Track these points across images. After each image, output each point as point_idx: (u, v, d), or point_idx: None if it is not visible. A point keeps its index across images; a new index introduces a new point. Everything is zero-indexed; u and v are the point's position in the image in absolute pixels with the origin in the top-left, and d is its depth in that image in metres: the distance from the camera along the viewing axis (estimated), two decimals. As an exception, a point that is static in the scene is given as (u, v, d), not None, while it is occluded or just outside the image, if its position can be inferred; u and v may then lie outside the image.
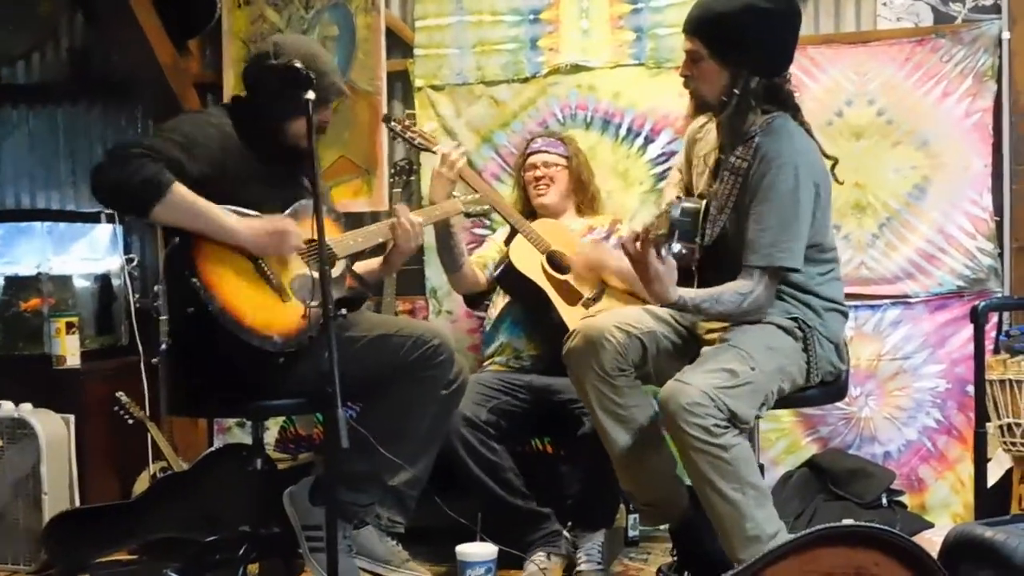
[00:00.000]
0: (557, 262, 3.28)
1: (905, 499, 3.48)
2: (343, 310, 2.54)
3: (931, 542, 2.31)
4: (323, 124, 2.75)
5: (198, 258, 2.46)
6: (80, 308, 3.97)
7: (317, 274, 2.27)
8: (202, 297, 2.41)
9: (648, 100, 3.76)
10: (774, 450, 3.65)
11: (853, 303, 3.46)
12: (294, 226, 2.55)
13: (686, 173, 2.82)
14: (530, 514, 3.10)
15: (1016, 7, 3.48)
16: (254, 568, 2.98)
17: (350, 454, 2.07)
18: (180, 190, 2.42)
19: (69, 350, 3.73)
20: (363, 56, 4.01)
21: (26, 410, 3.40)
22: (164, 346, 3.66)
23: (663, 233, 2.32)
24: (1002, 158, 3.51)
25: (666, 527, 2.80)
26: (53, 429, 3.39)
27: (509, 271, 3.24)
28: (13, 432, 3.35)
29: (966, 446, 3.50)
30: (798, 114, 2.60)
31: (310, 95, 2.33)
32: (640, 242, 2.34)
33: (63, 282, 3.97)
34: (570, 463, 3.23)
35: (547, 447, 3.28)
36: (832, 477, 3.44)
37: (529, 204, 3.51)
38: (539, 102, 3.87)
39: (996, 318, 3.48)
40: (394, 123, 3.35)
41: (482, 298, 3.53)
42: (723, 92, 2.52)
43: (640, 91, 3.77)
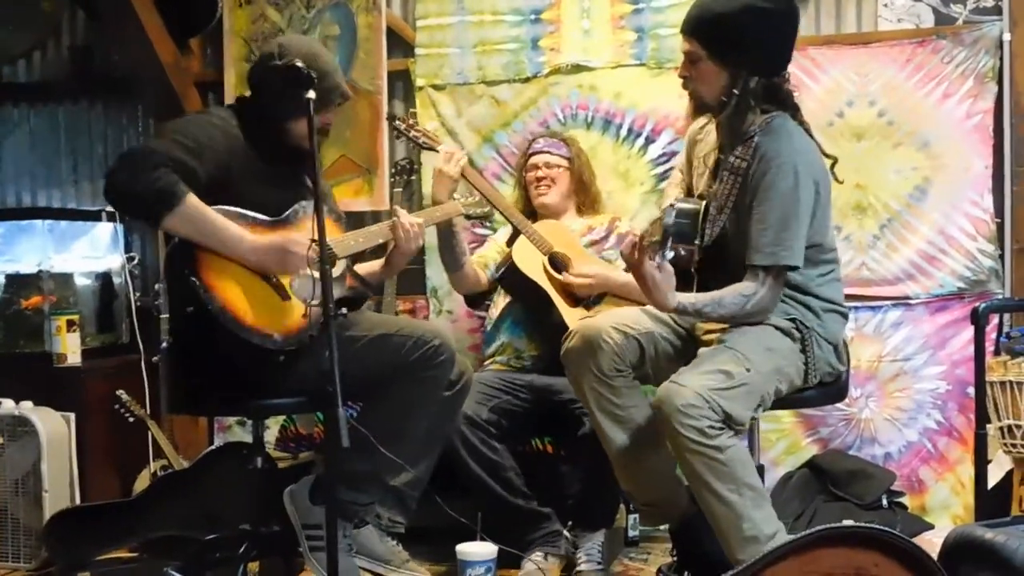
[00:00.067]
0: (559, 263, 3.28)
1: (905, 500, 3.48)
2: (344, 309, 2.54)
3: (931, 543, 2.31)
4: (325, 126, 2.75)
5: (199, 257, 2.46)
6: (81, 306, 3.98)
7: (318, 274, 2.26)
8: (202, 296, 2.42)
9: (649, 100, 3.77)
10: (774, 451, 3.65)
11: (854, 304, 3.46)
12: (300, 246, 2.49)
13: (687, 174, 2.82)
14: (530, 514, 3.10)
15: (1017, 9, 3.48)
16: (254, 567, 2.99)
17: (350, 453, 2.08)
18: (192, 201, 2.42)
19: (70, 348, 3.74)
20: (364, 55, 4.01)
21: (27, 408, 3.41)
22: (165, 344, 3.69)
23: (656, 240, 2.32)
24: (1003, 159, 3.52)
25: (666, 527, 2.80)
26: (54, 427, 3.40)
27: (512, 271, 3.24)
28: (14, 430, 3.35)
29: (966, 447, 3.51)
30: (797, 113, 2.60)
31: (311, 94, 2.33)
32: (634, 250, 2.35)
33: (64, 280, 3.97)
34: (570, 463, 3.23)
35: (547, 447, 3.28)
36: (832, 478, 3.45)
37: (530, 204, 3.51)
38: (540, 102, 3.87)
39: (997, 320, 3.49)
40: (398, 122, 3.35)
41: (483, 298, 3.53)
42: (722, 92, 2.52)
43: (641, 91, 3.78)
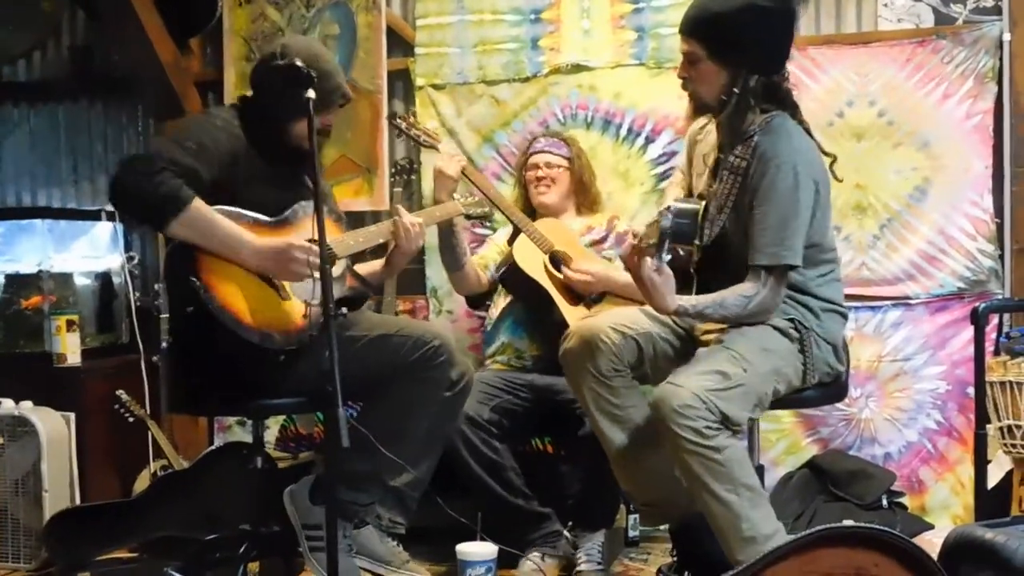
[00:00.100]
0: (559, 261, 3.28)
1: (905, 500, 3.48)
2: (343, 309, 2.54)
3: (931, 543, 2.31)
4: (326, 127, 2.75)
5: (199, 257, 2.46)
6: (81, 306, 3.97)
7: (317, 273, 2.26)
8: (202, 296, 2.42)
9: (649, 100, 3.76)
10: (774, 451, 3.65)
11: (853, 304, 3.46)
12: (302, 251, 2.49)
13: (687, 174, 2.81)
14: (531, 514, 3.10)
15: (1017, 9, 3.48)
16: (254, 567, 2.99)
17: (351, 453, 2.07)
18: (198, 205, 2.42)
19: (70, 348, 3.74)
20: (364, 55, 4.01)
21: (27, 408, 3.40)
22: (165, 344, 3.69)
23: (653, 243, 2.32)
24: (1003, 160, 3.51)
25: (666, 527, 2.80)
26: (54, 427, 3.39)
27: (513, 270, 3.24)
28: (14, 430, 3.35)
29: (966, 448, 3.51)
30: (796, 112, 2.60)
31: (311, 93, 2.33)
32: (633, 254, 2.35)
33: (64, 280, 3.97)
34: (571, 463, 3.23)
35: (548, 447, 3.28)
36: (832, 478, 3.45)
37: (529, 203, 3.51)
38: (540, 102, 3.87)
39: (996, 320, 3.49)
40: (398, 120, 3.36)
41: (484, 299, 3.53)
42: (722, 92, 2.51)
43: (641, 91, 3.77)
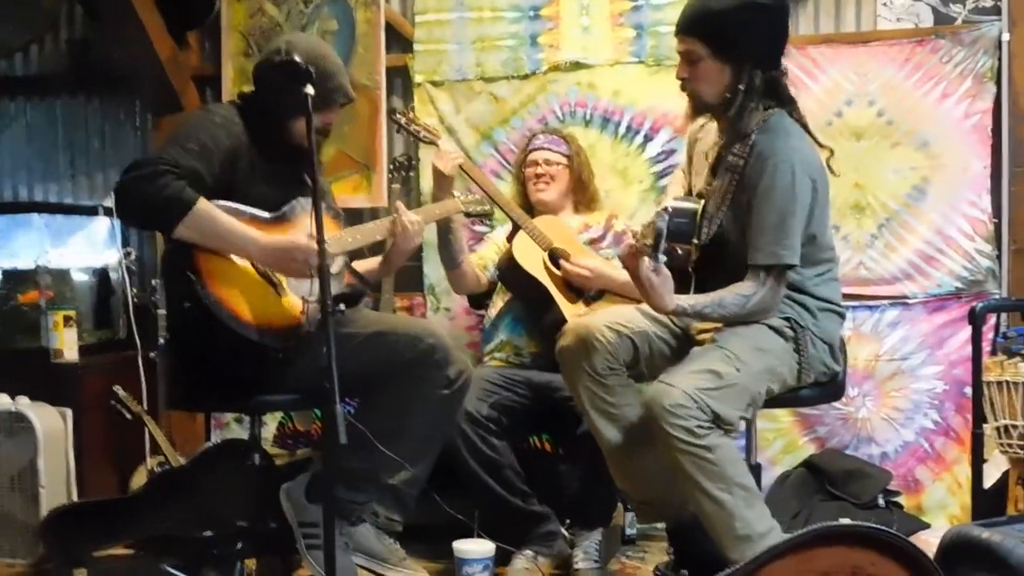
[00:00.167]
0: (558, 259, 3.28)
1: (902, 500, 3.50)
2: (341, 306, 2.53)
3: (927, 543, 2.32)
4: (326, 126, 2.74)
5: (196, 253, 2.45)
6: (78, 302, 3.96)
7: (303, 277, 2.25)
8: (199, 292, 2.41)
9: (648, 98, 3.77)
10: (771, 450, 3.66)
11: (851, 303, 3.47)
12: (308, 251, 2.47)
13: (687, 173, 2.81)
14: (529, 513, 3.10)
15: (1016, 9, 3.49)
16: (251, 564, 2.98)
17: (348, 451, 2.07)
18: (203, 207, 2.41)
19: (67, 344, 3.72)
20: (362, 51, 4.00)
21: (23, 403, 3.39)
22: (162, 341, 3.69)
23: (650, 243, 2.31)
24: (1001, 160, 3.52)
25: (663, 526, 2.80)
26: (50, 423, 3.39)
27: (512, 267, 3.23)
28: (10, 426, 3.34)
29: (963, 447, 3.51)
30: (794, 107, 2.59)
31: (309, 90, 2.32)
32: (631, 254, 2.35)
33: (61, 275, 3.96)
34: (568, 461, 3.22)
35: (546, 445, 3.28)
36: (829, 477, 3.45)
37: (527, 200, 3.50)
38: (539, 99, 3.87)
39: (994, 319, 3.49)
40: (398, 115, 3.36)
41: (485, 298, 3.52)
42: (726, 90, 2.50)
43: (640, 89, 3.77)
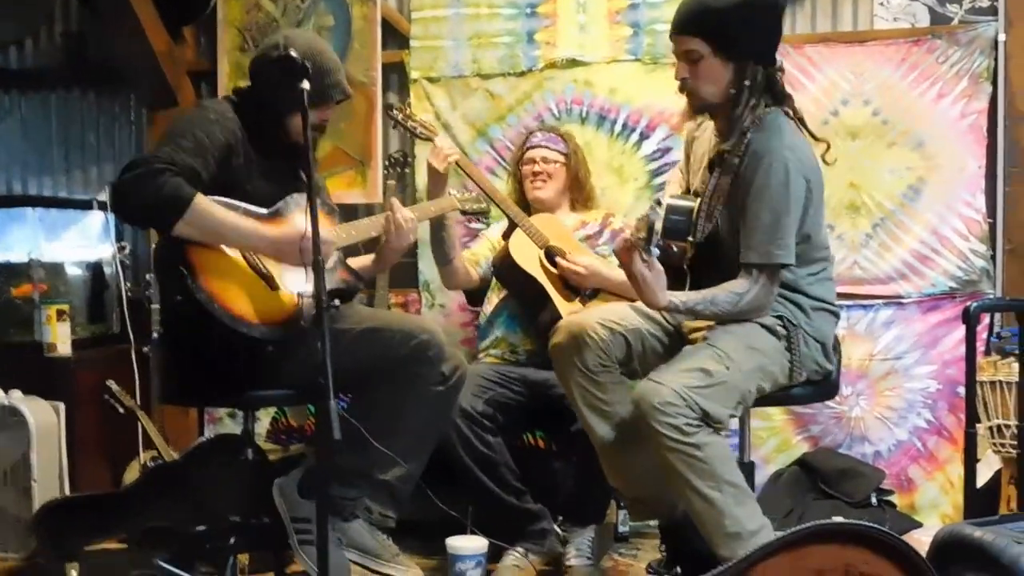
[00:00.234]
0: (555, 257, 3.27)
1: (894, 499, 3.50)
2: (336, 301, 2.53)
3: (920, 542, 2.33)
4: (322, 123, 2.73)
5: (188, 247, 2.44)
6: (71, 296, 3.95)
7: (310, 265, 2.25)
8: (190, 286, 2.40)
9: (644, 96, 3.76)
10: (765, 448, 3.66)
11: (845, 303, 3.47)
12: (301, 235, 2.48)
13: (685, 172, 2.81)
14: (522, 511, 3.10)
15: (1013, 9, 3.49)
16: (244, 558, 2.98)
17: (341, 447, 2.06)
18: (200, 203, 2.40)
19: (60, 338, 3.72)
20: (359, 47, 4.00)
21: (16, 397, 3.39)
22: (156, 335, 3.68)
23: (642, 237, 2.32)
24: (996, 160, 3.52)
25: (655, 523, 2.80)
26: (43, 417, 3.38)
27: (508, 265, 3.23)
28: (3, 419, 3.34)
29: (956, 447, 3.51)
30: (791, 103, 2.58)
31: (305, 85, 2.31)
32: (625, 249, 2.35)
33: (55, 269, 3.95)
34: (562, 459, 3.22)
35: (539, 442, 3.27)
36: (822, 476, 3.46)
37: (524, 198, 3.50)
38: (535, 96, 3.87)
39: (988, 319, 3.49)
40: (395, 111, 3.35)
41: (482, 294, 3.51)
42: (729, 87, 2.50)
43: (636, 87, 3.77)
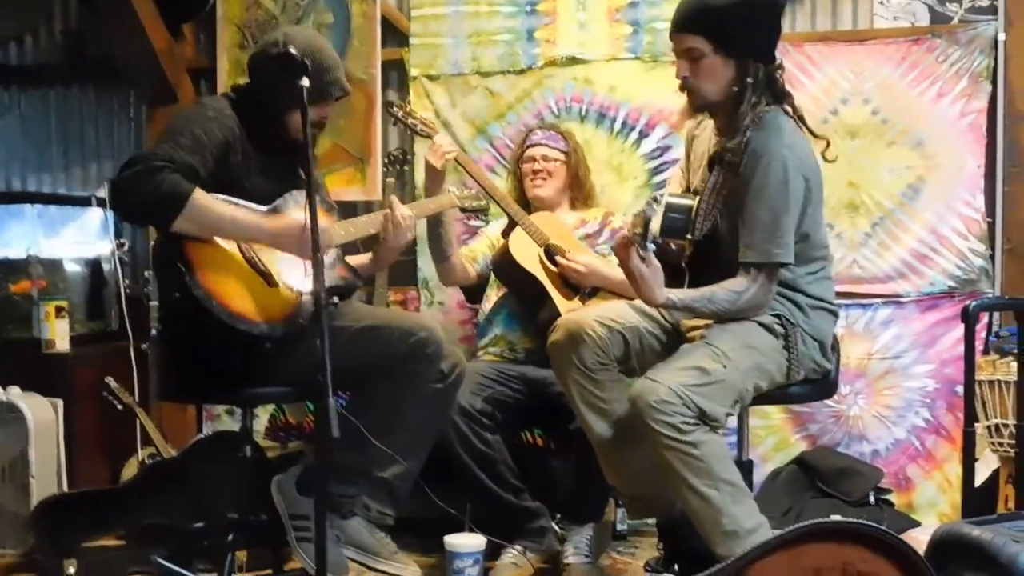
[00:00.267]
0: (554, 255, 3.27)
1: (892, 498, 3.50)
2: (335, 299, 2.53)
3: (918, 541, 2.32)
4: (322, 120, 2.73)
5: (185, 244, 2.44)
6: (70, 292, 3.95)
7: (308, 262, 2.25)
8: (188, 282, 2.40)
9: (644, 94, 3.76)
10: (763, 447, 3.66)
11: (844, 302, 3.47)
12: (301, 223, 2.48)
13: (686, 170, 2.81)
14: (520, 509, 3.10)
15: (1012, 9, 3.49)
16: (242, 555, 2.98)
17: (340, 444, 2.07)
18: (200, 198, 2.40)
19: (58, 334, 3.71)
20: (358, 44, 4.00)
21: (14, 394, 3.39)
22: (154, 332, 3.68)
23: (638, 232, 2.32)
24: (996, 159, 3.52)
25: (654, 521, 2.80)
26: (41, 413, 3.38)
27: (508, 262, 3.23)
28: (1, 416, 3.34)
29: (954, 446, 3.52)
30: (790, 101, 2.57)
31: (305, 82, 2.31)
32: (619, 245, 2.35)
33: (53, 266, 3.95)
34: (561, 457, 3.22)
35: (538, 440, 3.28)
36: (820, 475, 3.46)
37: (523, 195, 3.49)
38: (534, 94, 3.87)
39: (986, 318, 3.49)
40: (395, 108, 3.34)
41: (480, 291, 3.51)
42: (731, 85, 2.49)
43: (636, 85, 3.77)
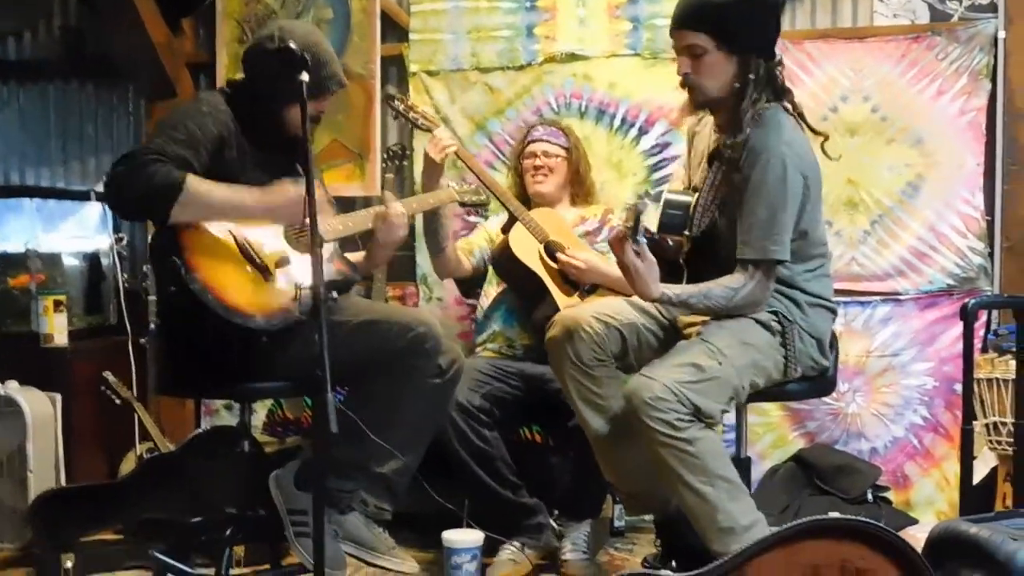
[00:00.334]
0: (554, 251, 3.27)
1: (890, 495, 3.50)
2: (334, 294, 2.52)
3: (915, 538, 2.33)
4: (319, 114, 2.73)
5: (182, 238, 2.45)
6: (68, 286, 3.94)
7: (305, 256, 2.24)
8: (184, 276, 2.40)
9: (643, 91, 3.76)
10: (761, 444, 3.66)
11: (843, 299, 3.47)
12: (296, 192, 2.51)
13: (688, 167, 2.81)
14: (518, 506, 3.10)
15: (1012, 6, 3.49)
16: (240, 550, 2.98)
17: (338, 439, 2.07)
18: (193, 183, 2.41)
19: (57, 328, 3.71)
20: (358, 39, 3.99)
21: (12, 388, 3.39)
22: (153, 327, 3.68)
23: (629, 226, 2.32)
24: (995, 157, 3.52)
25: (651, 518, 2.80)
26: (39, 407, 3.38)
27: (509, 257, 3.23)
28: (-1, 410, 3.34)
29: (952, 444, 3.52)
30: (790, 97, 2.58)
31: (304, 76, 2.31)
32: (614, 240, 2.36)
33: (52, 260, 3.94)
34: (559, 453, 3.22)
35: (536, 436, 3.28)
36: (818, 472, 3.46)
37: (524, 191, 3.49)
38: (534, 90, 3.86)
39: (985, 317, 3.49)
40: (396, 102, 3.33)
41: (475, 286, 3.51)
42: (733, 81, 2.50)
43: (635, 82, 3.77)
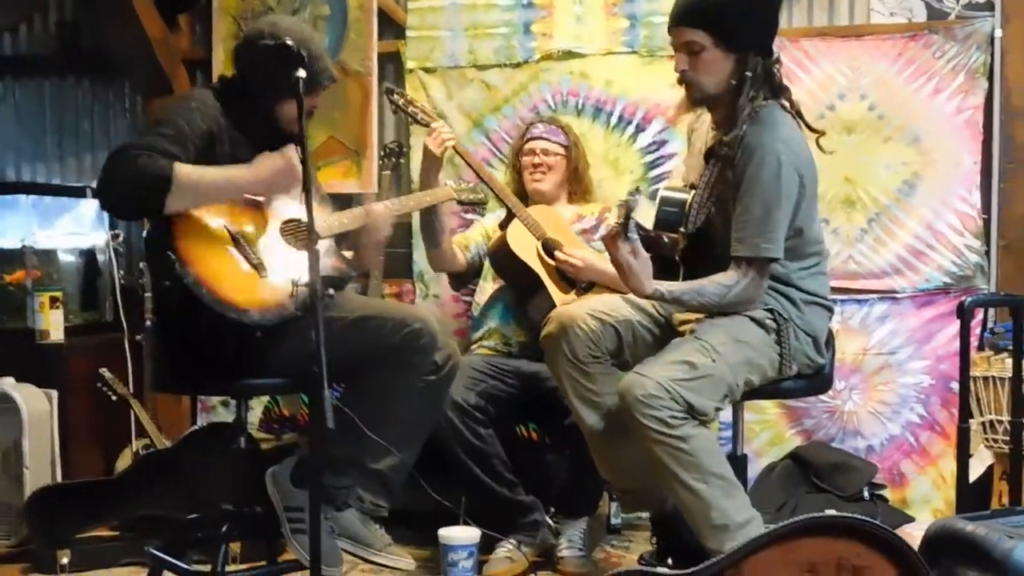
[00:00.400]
0: (552, 249, 3.27)
1: (887, 493, 3.51)
2: (329, 290, 2.52)
3: (912, 536, 2.33)
4: (311, 109, 2.72)
5: (176, 233, 2.43)
6: (64, 283, 3.94)
7: (300, 252, 2.24)
8: (178, 270, 2.39)
9: (640, 88, 3.75)
10: (758, 441, 3.66)
11: (840, 297, 3.47)
12: (283, 160, 2.50)
13: (687, 164, 2.81)
14: (514, 503, 3.10)
15: (1009, 5, 3.49)
16: (236, 547, 2.98)
17: (335, 435, 2.06)
18: (183, 169, 2.39)
19: (53, 325, 3.71)
20: (354, 36, 3.98)
21: (8, 384, 3.39)
22: (149, 323, 3.67)
23: (620, 222, 2.32)
24: (992, 156, 3.52)
25: (648, 515, 2.80)
26: (36, 404, 3.38)
27: (507, 254, 3.22)
28: (-5, 406, 3.34)
29: (949, 442, 3.52)
30: (787, 95, 2.57)
31: (301, 73, 2.30)
32: (607, 236, 2.36)
33: (48, 256, 3.94)
34: (556, 451, 3.23)
35: (533, 434, 3.28)
36: (815, 470, 3.46)
37: (522, 188, 3.49)
38: (531, 88, 3.86)
39: (982, 315, 3.49)
40: (396, 96, 3.32)
41: (467, 280, 3.51)
42: (730, 78, 2.49)
43: (632, 79, 3.76)
